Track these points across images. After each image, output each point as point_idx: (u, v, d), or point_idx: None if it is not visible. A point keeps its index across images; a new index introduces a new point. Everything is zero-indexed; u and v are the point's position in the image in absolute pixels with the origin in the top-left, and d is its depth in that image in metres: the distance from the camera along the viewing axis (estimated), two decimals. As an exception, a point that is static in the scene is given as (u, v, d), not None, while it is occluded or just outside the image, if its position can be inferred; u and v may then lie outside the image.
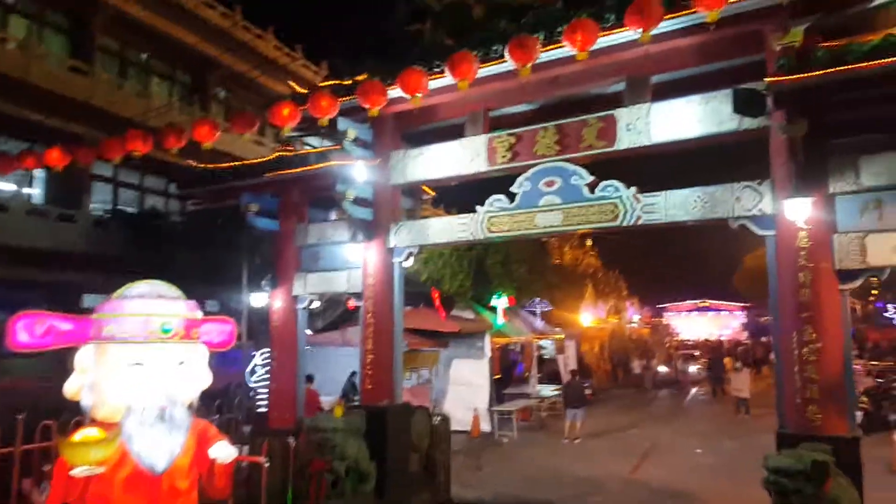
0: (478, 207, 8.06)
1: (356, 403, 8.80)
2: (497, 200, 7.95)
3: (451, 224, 8.25)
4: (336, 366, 13.52)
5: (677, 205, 6.74)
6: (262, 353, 13.26)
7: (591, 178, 7.30)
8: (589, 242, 30.82)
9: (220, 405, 9.03)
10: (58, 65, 14.75)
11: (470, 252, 15.08)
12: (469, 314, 16.33)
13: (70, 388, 5.91)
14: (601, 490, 9.95)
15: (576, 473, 10.91)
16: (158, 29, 17.13)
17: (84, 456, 4.81)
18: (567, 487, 10.01)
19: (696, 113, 6.71)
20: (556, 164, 7.55)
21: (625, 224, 7.04)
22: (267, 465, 6.56)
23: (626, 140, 7.12)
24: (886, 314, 23.12)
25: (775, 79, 5.36)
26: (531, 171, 7.71)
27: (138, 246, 14.35)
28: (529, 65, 5.71)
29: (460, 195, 10.20)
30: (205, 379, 6.76)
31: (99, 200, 16.59)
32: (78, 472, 4.72)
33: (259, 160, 9.40)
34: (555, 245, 26.76)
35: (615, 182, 7.13)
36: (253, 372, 13.16)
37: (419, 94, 6.20)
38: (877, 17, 5.70)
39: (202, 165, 9.68)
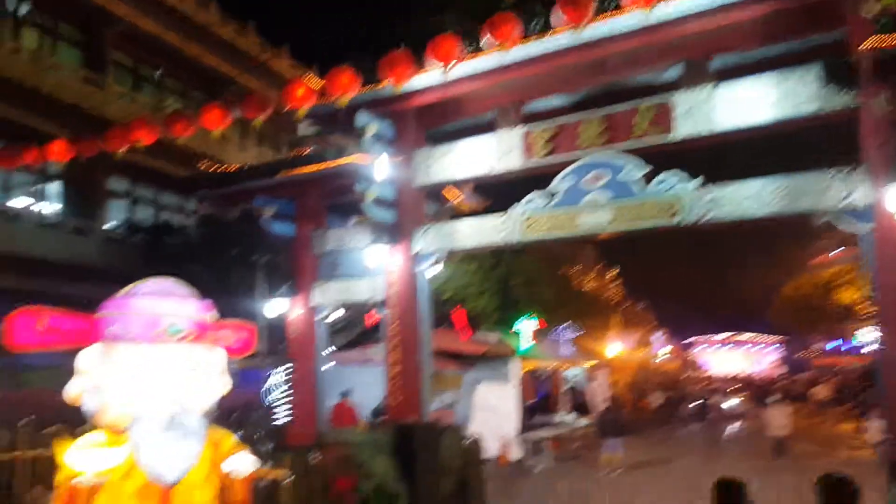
0: (513, 207, 7.27)
1: (381, 420, 7.98)
2: (535, 199, 7.15)
3: (483, 226, 7.45)
4: (358, 385, 12.71)
5: (751, 197, 5.88)
6: (281, 370, 12.54)
7: (646, 169, 6.46)
8: (613, 273, 30.02)
9: (239, 419, 8.22)
10: (71, 75, 14.41)
11: (495, 270, 14.23)
12: (494, 337, 15.41)
13: (70, 392, 5.44)
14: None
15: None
16: (171, 45, 16.81)
17: (85, 463, 4.49)
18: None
19: (768, 95, 5.89)
20: (604, 157, 6.75)
21: (685, 222, 6.18)
22: (289, 480, 5.86)
23: (684, 128, 6.31)
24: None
25: (877, 42, 4.55)
26: (574, 165, 6.92)
27: (152, 261, 13.79)
28: (583, 24, 4.94)
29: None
30: (221, 386, 6.09)
31: (115, 217, 16.14)
32: (80, 480, 4.46)
33: (273, 160, 8.75)
34: (577, 273, 25.88)
35: (676, 173, 6.27)
36: (272, 390, 12.38)
37: (453, 63, 5.42)
38: None
39: (214, 167, 9.06)
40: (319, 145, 9.27)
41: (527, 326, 15.27)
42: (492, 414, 14.14)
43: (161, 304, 5.79)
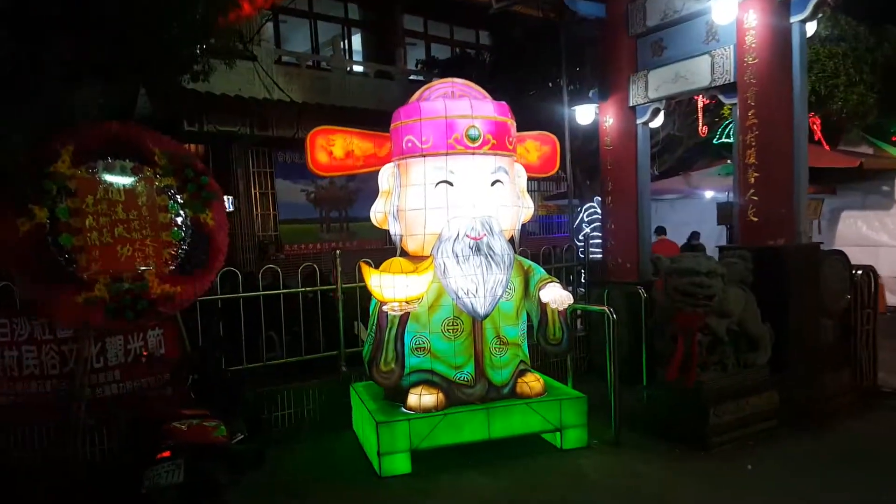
0: None
1: (730, 245, 6.19)
2: None
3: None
4: (676, 226, 10.96)
5: None
6: (587, 209, 11.38)
7: None
8: None
9: (548, 252, 7.22)
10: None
11: (875, 52, 10.26)
12: (864, 148, 11.78)
13: (376, 214, 4.91)
14: None
15: None
16: None
17: (391, 289, 4.12)
18: None
19: None
20: None
21: None
22: (613, 316, 4.72)
23: None
24: None
25: None
26: None
27: (451, 96, 13.35)
28: None
29: None
30: (525, 207, 5.07)
31: (413, 59, 16.07)
32: (388, 308, 4.20)
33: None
34: None
35: None
36: (579, 229, 11.34)
37: None
38: None
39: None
40: None
41: (921, 131, 11.25)
42: (862, 249, 11.19)
43: (456, 105, 4.75)
